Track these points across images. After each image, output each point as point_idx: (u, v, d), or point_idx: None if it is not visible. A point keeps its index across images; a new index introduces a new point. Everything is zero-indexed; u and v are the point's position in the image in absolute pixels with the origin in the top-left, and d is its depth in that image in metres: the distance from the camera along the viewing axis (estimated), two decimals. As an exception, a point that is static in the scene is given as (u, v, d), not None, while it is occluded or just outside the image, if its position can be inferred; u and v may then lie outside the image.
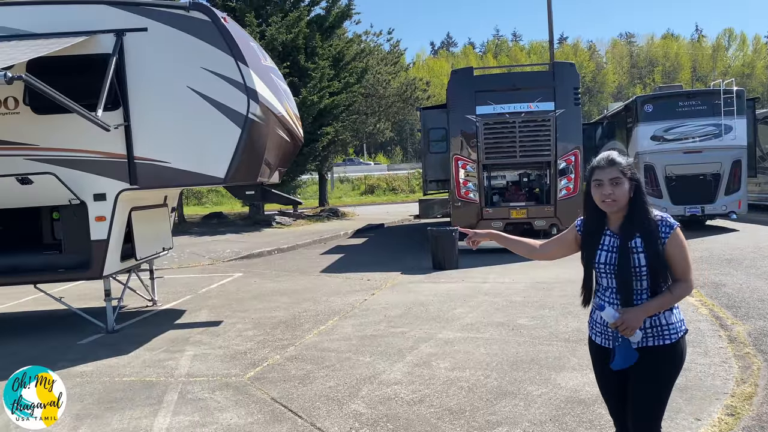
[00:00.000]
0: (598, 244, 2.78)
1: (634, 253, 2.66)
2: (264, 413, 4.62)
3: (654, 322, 2.70)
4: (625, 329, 2.63)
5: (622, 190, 2.68)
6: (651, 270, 2.64)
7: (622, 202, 2.69)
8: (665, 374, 2.73)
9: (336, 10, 23.33)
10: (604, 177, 2.70)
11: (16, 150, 6.94)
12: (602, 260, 2.76)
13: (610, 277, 2.74)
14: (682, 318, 2.78)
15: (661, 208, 14.30)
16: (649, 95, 15.93)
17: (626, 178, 2.68)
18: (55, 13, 7.01)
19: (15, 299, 10.09)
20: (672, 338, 2.70)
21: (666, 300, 2.66)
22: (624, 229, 2.71)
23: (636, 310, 2.64)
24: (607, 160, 2.73)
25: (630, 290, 2.68)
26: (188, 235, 18.32)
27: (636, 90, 77.19)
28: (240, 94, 6.92)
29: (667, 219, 2.71)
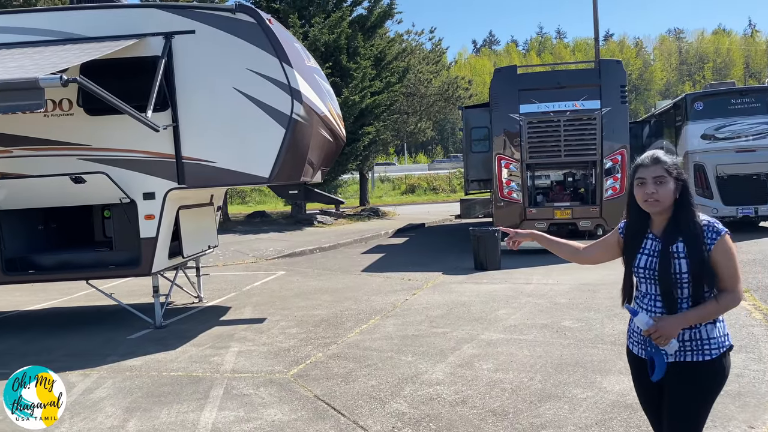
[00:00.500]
0: (639, 247, 2.63)
1: (675, 259, 2.49)
2: (307, 410, 4.67)
3: (694, 334, 2.51)
4: (658, 338, 2.46)
5: (666, 190, 2.51)
6: (693, 277, 2.46)
7: (666, 203, 2.53)
8: (702, 393, 2.52)
9: (378, 10, 23.39)
10: (647, 175, 2.54)
11: (71, 150, 7.18)
12: (642, 264, 2.61)
13: (650, 282, 2.58)
14: (727, 332, 2.57)
15: (711, 209, 13.93)
16: (699, 92, 15.47)
17: (671, 177, 2.52)
18: (107, 18, 7.23)
19: (68, 294, 10.45)
20: (712, 354, 2.49)
21: (708, 310, 2.47)
22: (667, 233, 2.55)
23: (672, 319, 2.47)
24: (652, 158, 2.57)
25: (673, 298, 2.50)
26: (232, 234, 18.64)
27: (685, 87, 75.15)
28: (284, 94, 7.01)
29: (715, 224, 2.51)
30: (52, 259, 7.73)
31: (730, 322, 6.49)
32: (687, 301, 2.50)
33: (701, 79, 78.94)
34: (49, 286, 11.12)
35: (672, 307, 2.50)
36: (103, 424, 4.58)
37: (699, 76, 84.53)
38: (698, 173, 14.05)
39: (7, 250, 7.41)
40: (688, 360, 2.50)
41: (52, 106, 7.12)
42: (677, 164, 2.57)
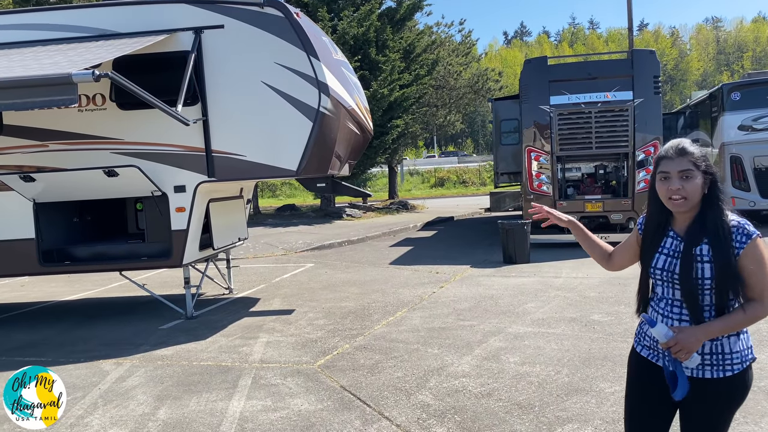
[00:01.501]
0: (658, 246, 2.37)
1: (698, 262, 2.22)
2: (333, 400, 4.71)
3: (714, 348, 2.25)
4: (678, 351, 2.19)
5: (694, 186, 2.23)
6: (718, 284, 2.20)
7: (694, 200, 2.25)
8: (723, 413, 2.28)
9: (407, 2, 23.29)
10: (672, 169, 2.26)
11: (104, 144, 7.33)
12: (660, 265, 2.34)
13: (667, 285, 2.33)
14: (751, 344, 2.31)
15: (749, 201, 13.58)
16: (736, 82, 15.06)
17: (699, 171, 2.24)
18: (138, 13, 7.34)
19: (102, 286, 10.70)
20: (735, 369, 2.23)
21: (734, 321, 2.20)
22: (690, 232, 2.28)
23: (694, 330, 2.20)
24: (677, 149, 2.28)
25: (697, 304, 2.24)
26: (262, 226, 18.84)
27: (723, 77, 73.30)
28: (312, 88, 7.04)
29: (746, 226, 2.23)
30: (87, 251, 7.92)
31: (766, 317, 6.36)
32: (710, 310, 2.24)
33: (740, 69, 76.83)
34: (84, 277, 11.42)
35: (698, 316, 2.25)
36: (134, 412, 4.69)
37: (737, 66, 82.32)
38: (735, 165, 13.70)
39: (44, 241, 7.61)
40: (707, 377, 2.25)
41: (85, 101, 7.28)
42: (705, 155, 2.29)
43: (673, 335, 2.22)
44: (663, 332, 2.24)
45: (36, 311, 9.03)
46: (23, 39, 7.33)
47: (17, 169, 7.35)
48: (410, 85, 21.88)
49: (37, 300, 9.85)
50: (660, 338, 2.25)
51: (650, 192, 2.41)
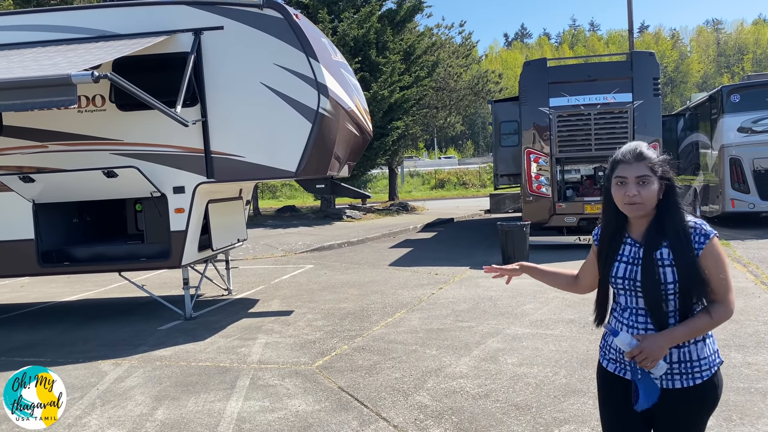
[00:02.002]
0: (616, 254, 2.30)
1: (659, 267, 2.17)
2: (331, 401, 4.72)
3: (682, 356, 2.20)
4: (644, 359, 2.13)
5: (651, 192, 2.19)
6: (681, 288, 2.15)
7: (650, 206, 2.21)
8: (695, 421, 2.25)
9: (407, 4, 23.33)
10: (628, 174, 2.20)
11: (103, 145, 7.35)
12: (620, 274, 2.27)
13: (630, 294, 2.26)
14: (716, 349, 2.28)
15: (748, 203, 13.59)
16: (736, 84, 15.07)
17: (656, 176, 2.20)
18: (138, 15, 7.36)
19: (102, 286, 10.71)
20: (703, 376, 2.19)
21: (699, 325, 2.16)
22: (649, 238, 2.23)
23: (658, 337, 2.14)
24: (634, 154, 2.22)
25: (662, 311, 2.18)
26: (262, 228, 18.85)
27: (723, 80, 73.36)
28: (311, 89, 7.06)
29: (702, 226, 2.20)
30: (86, 252, 7.93)
31: (763, 318, 6.37)
32: (674, 315, 2.19)
33: (740, 71, 76.87)
34: (83, 277, 11.43)
35: (662, 323, 2.19)
36: (132, 412, 4.70)
37: (738, 68, 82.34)
38: (734, 167, 13.71)
39: (44, 242, 7.63)
40: (677, 386, 2.20)
41: (85, 102, 7.30)
42: (664, 160, 2.25)
43: (637, 343, 2.15)
44: (626, 341, 2.17)
45: (36, 312, 9.04)
46: (23, 40, 7.35)
47: (17, 169, 7.36)
48: (410, 87, 21.91)
49: (36, 300, 9.86)
50: (624, 348, 2.18)
51: (604, 197, 2.35)
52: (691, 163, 16.67)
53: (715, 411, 4.08)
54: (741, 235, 12.86)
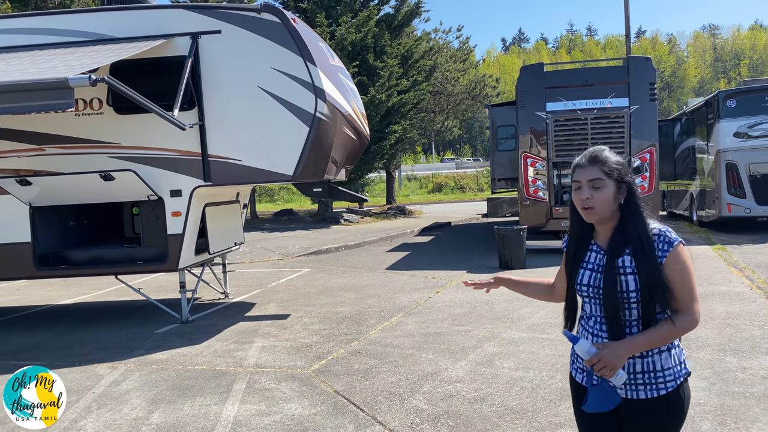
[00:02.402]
0: (582, 260, 2.27)
1: (621, 275, 2.12)
2: (327, 405, 4.72)
3: (646, 365, 2.14)
4: (602, 368, 2.07)
5: (603, 196, 2.14)
6: (642, 296, 2.10)
7: (604, 212, 2.16)
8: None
9: (405, 9, 23.40)
10: (582, 178, 2.17)
11: (100, 148, 7.35)
12: (585, 281, 2.23)
13: (594, 302, 2.22)
14: (683, 359, 2.20)
15: (744, 208, 13.63)
16: (732, 90, 15.13)
17: (611, 179, 2.14)
18: (136, 18, 7.37)
19: (99, 290, 10.70)
20: (668, 387, 2.13)
21: (660, 334, 2.09)
22: (612, 244, 2.18)
23: (617, 345, 2.09)
24: (588, 157, 2.18)
25: (619, 321, 2.13)
26: (260, 231, 18.84)
27: (720, 84, 73.61)
28: (308, 93, 7.07)
29: (667, 234, 2.14)
30: (83, 255, 7.92)
31: (759, 323, 6.39)
32: (636, 325, 2.13)
33: (736, 77, 77.15)
34: (80, 281, 11.40)
35: (618, 332, 2.14)
36: (128, 415, 4.69)
37: (734, 73, 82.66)
38: (731, 172, 13.76)
39: (40, 245, 7.62)
40: (641, 397, 2.14)
41: (82, 105, 7.30)
42: (621, 163, 2.18)
43: (597, 351, 2.09)
44: (586, 348, 2.12)
45: (32, 315, 9.02)
46: (21, 43, 7.35)
47: (14, 172, 7.36)
48: (408, 91, 21.95)
49: (33, 304, 9.84)
50: (583, 355, 2.13)
51: (571, 204, 2.29)
52: (687, 167, 16.72)
53: (710, 415, 4.13)
54: (737, 240, 12.89)
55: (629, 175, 2.17)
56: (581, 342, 2.15)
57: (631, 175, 2.18)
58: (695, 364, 5.22)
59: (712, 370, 5.07)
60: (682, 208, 17.54)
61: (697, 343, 5.82)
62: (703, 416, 4.16)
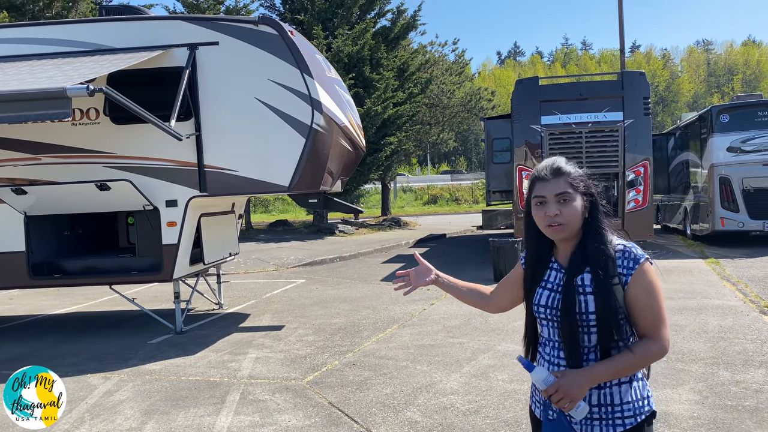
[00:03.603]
0: (541, 279, 2.06)
1: (580, 294, 1.91)
2: (321, 417, 4.71)
3: (603, 398, 1.91)
4: (560, 400, 1.85)
5: (573, 210, 1.95)
6: (600, 319, 1.88)
7: (574, 226, 1.96)
8: None
9: (401, 22, 23.57)
10: (548, 192, 1.96)
11: (96, 158, 7.36)
12: (542, 302, 2.02)
13: (552, 326, 1.99)
14: (648, 394, 1.97)
15: (737, 222, 13.72)
16: (725, 105, 15.27)
17: (578, 192, 1.97)
18: (134, 29, 7.41)
19: (92, 299, 10.65)
20: (627, 424, 1.90)
21: (623, 363, 1.87)
22: (572, 262, 1.97)
23: (577, 375, 1.87)
24: (551, 169, 1.99)
25: (578, 345, 1.91)
26: (254, 242, 18.82)
27: (713, 99, 74.23)
28: (305, 105, 7.10)
29: (632, 250, 1.93)
30: (77, 264, 7.90)
31: (752, 336, 6.42)
32: (595, 352, 1.91)
33: (730, 91, 77.80)
34: (74, 290, 11.35)
35: (576, 358, 1.92)
36: (121, 426, 4.67)
37: (728, 88, 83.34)
38: (724, 186, 13.85)
39: (35, 254, 7.60)
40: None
41: (79, 115, 7.31)
42: (584, 175, 2.03)
43: (554, 381, 1.88)
44: (542, 377, 1.91)
45: (24, 324, 8.97)
46: (19, 53, 7.37)
47: (9, 181, 7.35)
48: (404, 103, 22.06)
49: (26, 313, 9.79)
50: (539, 385, 1.91)
51: (526, 219, 2.11)
52: (681, 182, 16.82)
53: (703, 428, 4.14)
54: (731, 254, 12.96)
55: (593, 188, 2.01)
56: (537, 370, 1.94)
57: (594, 188, 2.02)
58: (688, 378, 5.24)
59: (705, 384, 5.08)
60: (676, 221, 17.62)
61: (690, 357, 5.84)
62: (696, 429, 4.17)
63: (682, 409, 4.53)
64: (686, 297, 8.68)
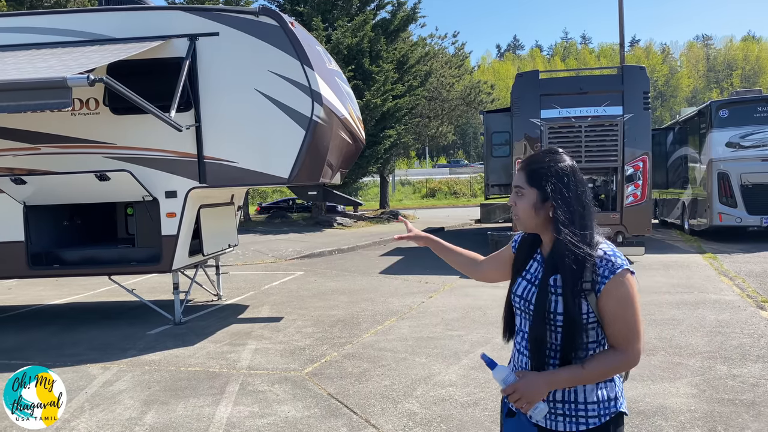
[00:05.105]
0: (524, 269, 2.04)
1: (552, 294, 1.87)
2: (320, 408, 4.73)
3: (567, 395, 1.89)
4: (518, 400, 1.85)
5: (523, 205, 1.93)
6: (564, 324, 1.84)
7: (527, 222, 1.95)
8: None
9: (401, 14, 23.50)
10: (513, 183, 1.99)
11: (96, 148, 7.34)
12: (519, 292, 2.01)
13: (524, 317, 1.98)
14: (617, 395, 1.92)
15: (735, 217, 13.75)
16: (724, 100, 15.28)
17: (534, 188, 1.91)
18: (134, 19, 7.38)
19: (91, 290, 10.66)
20: (590, 423, 1.87)
21: (590, 372, 1.83)
22: (549, 258, 1.94)
23: (538, 378, 1.84)
24: (523, 161, 1.99)
25: (542, 344, 1.87)
26: (253, 234, 18.83)
27: (712, 94, 74.17)
28: (305, 96, 7.09)
29: (611, 258, 1.84)
30: (76, 255, 7.90)
31: (748, 331, 6.45)
32: (557, 353, 1.88)
33: (729, 87, 77.80)
34: (72, 281, 11.36)
35: (538, 356, 1.89)
36: (121, 416, 4.69)
37: (727, 84, 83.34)
38: (722, 181, 13.89)
39: (33, 244, 7.59)
40: (559, 429, 1.90)
41: (79, 105, 7.29)
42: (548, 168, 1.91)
43: (514, 381, 1.87)
44: (502, 376, 1.90)
45: (23, 314, 8.98)
46: (18, 42, 7.34)
47: (8, 171, 7.34)
48: (403, 96, 22.03)
49: (24, 303, 9.79)
50: (499, 383, 1.92)
51: None
52: (679, 176, 16.85)
53: (701, 422, 4.17)
54: (728, 249, 13.00)
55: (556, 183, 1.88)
56: (499, 368, 1.93)
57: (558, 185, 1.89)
58: (686, 371, 5.27)
59: (702, 378, 5.11)
60: (674, 216, 17.66)
61: (687, 351, 5.87)
62: (693, 422, 4.20)
63: (680, 403, 4.56)
64: (684, 292, 8.71)
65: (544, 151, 1.98)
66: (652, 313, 7.35)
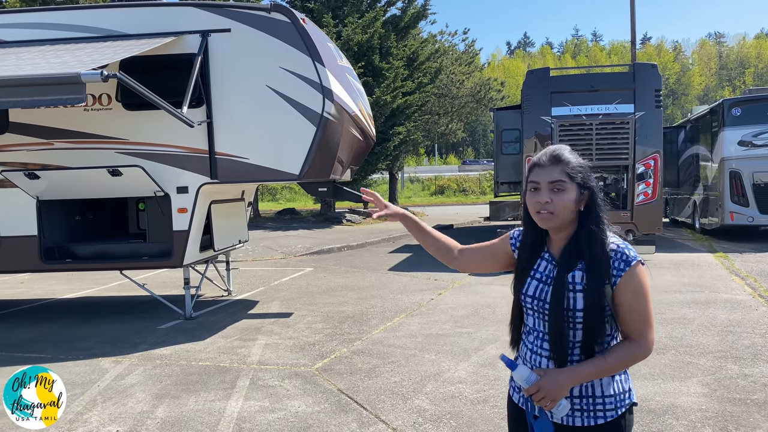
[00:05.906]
0: (531, 269, 2.03)
1: (570, 291, 1.89)
2: (330, 403, 4.75)
3: (585, 390, 1.91)
4: (542, 399, 1.86)
5: (564, 201, 1.90)
6: (587, 318, 1.86)
7: (563, 217, 1.91)
8: None
9: (412, 11, 23.46)
10: (542, 179, 1.92)
11: (109, 143, 7.39)
12: (531, 292, 2.00)
13: (538, 317, 1.98)
14: (630, 387, 1.97)
15: (747, 216, 13.66)
16: (737, 98, 15.16)
17: (574, 183, 1.91)
18: (146, 15, 7.42)
19: (102, 284, 10.74)
20: (608, 416, 1.90)
21: (607, 364, 1.87)
22: (565, 256, 1.94)
23: (560, 375, 1.87)
24: (550, 156, 1.94)
25: (564, 340, 1.90)
26: (262, 230, 18.89)
27: (725, 93, 73.59)
28: (316, 93, 7.10)
29: (625, 251, 1.89)
30: (88, 249, 7.96)
31: (760, 330, 6.42)
32: (579, 348, 1.90)
33: (741, 85, 77.17)
34: (84, 275, 11.46)
35: (561, 354, 1.91)
36: (133, 409, 4.73)
37: (739, 82, 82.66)
38: (734, 180, 13.80)
39: (46, 239, 7.66)
40: (577, 424, 1.91)
41: (91, 100, 7.34)
42: (584, 166, 1.96)
43: (537, 380, 1.88)
44: (524, 376, 1.90)
45: (36, 308, 9.07)
46: (32, 38, 7.40)
47: (22, 166, 7.41)
48: (413, 93, 22.00)
49: (37, 297, 9.89)
50: (521, 383, 1.92)
51: (524, 205, 2.04)
52: (691, 175, 16.74)
53: (712, 421, 4.16)
54: (740, 248, 12.91)
55: (592, 180, 1.94)
56: (520, 368, 1.93)
57: (593, 181, 1.95)
58: (697, 371, 5.25)
59: (713, 377, 5.09)
60: (685, 215, 17.56)
61: (698, 350, 5.85)
62: (704, 422, 4.19)
63: (690, 402, 4.55)
64: (694, 291, 8.67)
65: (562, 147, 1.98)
66: (663, 312, 7.32)
